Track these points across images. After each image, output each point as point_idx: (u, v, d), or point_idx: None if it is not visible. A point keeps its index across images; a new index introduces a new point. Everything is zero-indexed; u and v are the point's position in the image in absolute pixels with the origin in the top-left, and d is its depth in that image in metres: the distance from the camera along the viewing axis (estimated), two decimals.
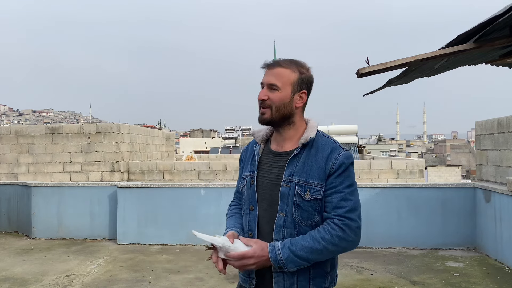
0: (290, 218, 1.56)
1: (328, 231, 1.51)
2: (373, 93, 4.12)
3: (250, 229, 1.65)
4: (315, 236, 1.52)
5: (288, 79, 1.59)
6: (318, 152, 1.59)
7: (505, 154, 5.76)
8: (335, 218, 1.53)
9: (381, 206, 6.24)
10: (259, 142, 1.72)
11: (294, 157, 1.59)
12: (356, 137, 16.90)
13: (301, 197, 1.55)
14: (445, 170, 29.28)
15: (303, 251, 1.50)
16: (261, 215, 1.64)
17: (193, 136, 46.48)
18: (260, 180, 1.65)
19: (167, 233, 6.67)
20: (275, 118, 1.60)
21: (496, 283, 4.59)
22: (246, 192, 1.68)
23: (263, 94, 1.59)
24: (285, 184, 1.58)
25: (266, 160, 1.68)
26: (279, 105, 1.58)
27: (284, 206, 1.57)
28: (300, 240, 1.52)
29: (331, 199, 1.54)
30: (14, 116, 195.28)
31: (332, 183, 1.55)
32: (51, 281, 4.92)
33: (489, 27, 2.68)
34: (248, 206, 1.67)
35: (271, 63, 1.62)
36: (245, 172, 1.72)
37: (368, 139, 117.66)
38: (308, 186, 1.55)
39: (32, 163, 10.02)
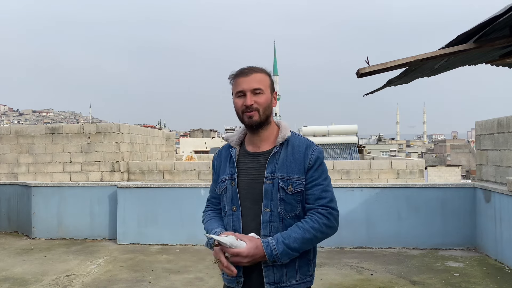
0: (276, 212, 1.66)
1: (316, 220, 1.64)
2: (373, 93, 4.12)
3: (235, 229, 1.70)
4: (305, 227, 1.63)
5: (266, 83, 1.71)
6: (294, 149, 1.71)
7: (505, 154, 5.76)
8: (320, 208, 1.67)
9: (381, 206, 6.24)
10: (234, 145, 1.80)
11: (273, 155, 1.70)
12: (356, 137, 16.87)
13: (285, 191, 1.66)
14: (445, 170, 29.28)
15: (296, 243, 1.60)
16: (245, 213, 1.70)
17: (193, 136, 46.48)
18: (241, 180, 1.73)
19: (167, 233, 6.67)
20: (262, 119, 1.69)
21: (496, 283, 4.59)
22: (228, 194, 1.74)
23: (250, 99, 1.66)
24: (268, 181, 1.67)
25: (244, 161, 1.76)
26: (265, 106, 1.69)
27: (268, 202, 1.66)
28: (291, 233, 1.62)
29: (313, 192, 1.68)
30: (14, 116, 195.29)
31: (312, 176, 1.69)
32: (51, 281, 4.92)
33: (489, 27, 2.68)
34: (230, 207, 1.73)
35: (244, 71, 1.71)
36: (223, 175, 1.78)
37: (368, 139, 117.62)
38: (290, 180, 1.66)
39: (32, 163, 10.02)
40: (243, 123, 1.74)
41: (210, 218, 1.83)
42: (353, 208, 6.20)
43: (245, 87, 1.68)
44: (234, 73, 1.75)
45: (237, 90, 1.70)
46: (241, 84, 1.69)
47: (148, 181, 9.82)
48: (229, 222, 1.73)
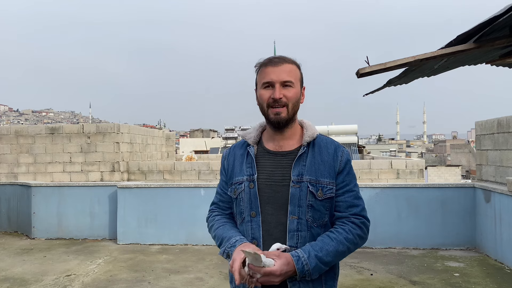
0: (304, 220, 1.48)
1: (350, 231, 1.50)
2: (373, 93, 4.12)
3: (254, 237, 1.52)
4: (338, 238, 1.47)
5: (297, 75, 1.54)
6: (321, 150, 1.55)
7: (505, 154, 5.76)
8: (353, 217, 1.52)
9: (381, 206, 6.24)
10: (252, 143, 1.61)
11: (300, 156, 1.52)
12: (356, 137, 16.89)
13: (314, 197, 1.49)
14: (445, 170, 29.27)
15: (329, 256, 1.44)
16: (266, 220, 1.52)
17: (193, 136, 46.50)
18: (261, 183, 1.53)
19: (167, 233, 6.67)
20: (290, 116, 1.52)
21: (496, 283, 4.59)
22: (245, 198, 1.54)
23: (279, 92, 1.48)
24: (295, 185, 1.49)
25: (264, 161, 1.57)
26: (294, 102, 1.52)
27: (295, 209, 1.48)
28: (324, 245, 1.45)
29: (345, 198, 1.53)
30: (14, 116, 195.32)
31: (343, 181, 1.54)
32: (51, 281, 4.92)
33: (489, 27, 2.68)
34: (249, 212, 1.53)
35: (274, 60, 1.52)
36: (238, 176, 1.58)
37: (368, 139, 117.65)
38: (320, 184, 1.50)
39: (32, 163, 10.02)
40: (267, 119, 1.55)
41: (222, 224, 1.62)
42: None
43: (274, 78, 1.49)
44: (262, 62, 1.55)
45: (264, 81, 1.51)
46: (270, 74, 1.50)
47: (148, 181, 9.82)
48: (248, 229, 1.53)
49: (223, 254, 1.50)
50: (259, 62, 1.56)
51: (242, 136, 1.65)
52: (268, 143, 1.60)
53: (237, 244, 1.46)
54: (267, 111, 1.52)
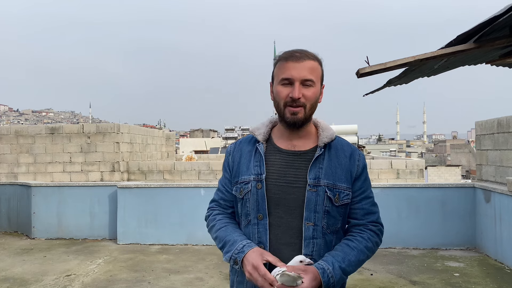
0: (320, 226, 1.41)
1: (369, 239, 1.46)
2: (373, 93, 4.12)
3: (261, 241, 1.42)
4: (359, 247, 1.43)
5: (318, 73, 1.43)
6: (338, 152, 1.47)
7: (505, 154, 5.76)
8: (371, 224, 1.49)
9: (381, 206, 6.10)
10: (262, 140, 1.50)
11: (317, 158, 1.43)
12: (356, 137, 16.88)
13: (331, 202, 1.41)
14: (445, 170, 29.26)
15: (351, 267, 1.39)
16: (275, 224, 1.42)
17: (193, 136, 46.51)
18: (271, 183, 1.43)
19: (167, 233, 6.67)
20: (307, 117, 1.43)
21: (496, 283, 4.59)
22: (252, 199, 1.44)
23: (299, 91, 1.38)
24: (312, 189, 1.40)
25: (274, 160, 1.47)
26: (313, 102, 1.42)
27: (311, 215, 1.39)
28: (345, 255, 1.39)
29: (362, 205, 1.49)
30: (14, 116, 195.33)
31: (361, 187, 1.48)
32: (51, 281, 4.92)
33: (489, 27, 2.68)
34: (255, 215, 1.44)
35: (296, 54, 1.41)
36: (245, 175, 1.47)
37: (368, 139, 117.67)
38: (337, 189, 1.42)
39: (32, 163, 10.02)
40: (282, 118, 1.44)
41: (224, 225, 1.51)
42: None
43: (294, 75, 1.38)
44: (282, 54, 1.44)
45: (283, 76, 1.40)
46: (290, 70, 1.39)
47: (148, 181, 9.82)
48: (254, 232, 1.44)
49: (230, 260, 1.40)
50: (279, 55, 1.46)
51: (251, 131, 1.54)
52: (279, 141, 1.50)
53: (245, 249, 1.36)
54: (283, 110, 1.42)
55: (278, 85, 1.42)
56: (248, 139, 1.56)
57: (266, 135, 1.52)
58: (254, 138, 1.54)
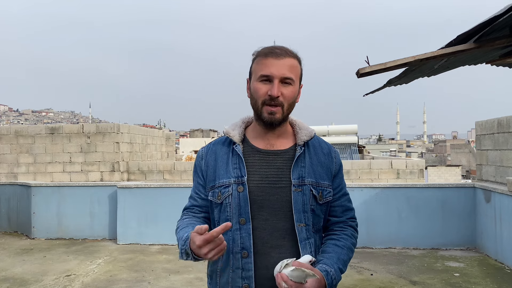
0: (310, 226, 1.38)
1: (352, 235, 1.46)
2: (373, 93, 4.12)
3: (244, 247, 1.34)
4: (347, 245, 1.41)
5: (298, 72, 1.38)
6: (316, 150, 1.45)
7: (505, 154, 5.76)
8: (350, 221, 1.49)
9: (381, 206, 6.24)
10: (238, 141, 1.43)
11: (298, 157, 1.40)
12: (356, 137, 16.89)
13: (316, 201, 1.39)
14: (445, 170, 29.26)
15: (345, 266, 1.37)
16: (260, 227, 1.36)
17: (193, 136, 46.51)
18: (253, 185, 1.37)
19: (167, 233, 6.66)
20: (285, 117, 1.38)
21: (496, 283, 4.59)
22: (233, 203, 1.36)
23: (278, 90, 1.32)
24: (297, 189, 1.36)
25: (253, 161, 1.41)
26: (291, 102, 1.37)
27: (301, 215, 1.36)
28: (339, 255, 1.37)
29: (341, 202, 1.48)
30: (14, 116, 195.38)
31: (339, 185, 1.47)
32: (51, 281, 4.92)
33: (489, 27, 2.68)
34: (237, 219, 1.36)
35: (276, 51, 1.35)
36: (223, 179, 1.39)
37: (368, 139, 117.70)
38: (320, 187, 1.40)
39: (32, 163, 10.02)
40: (259, 117, 1.39)
41: (186, 225, 1.42)
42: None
43: (274, 72, 1.32)
44: (261, 50, 1.38)
45: (263, 73, 1.34)
46: (270, 67, 1.33)
47: (148, 181, 9.82)
48: (236, 238, 1.35)
49: (182, 255, 1.31)
50: (258, 50, 1.40)
51: (226, 132, 1.45)
52: (256, 141, 1.44)
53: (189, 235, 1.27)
54: (260, 108, 1.36)
55: (256, 82, 1.36)
56: (221, 141, 1.49)
57: (242, 135, 1.45)
58: (228, 139, 1.46)
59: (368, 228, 6.23)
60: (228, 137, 1.45)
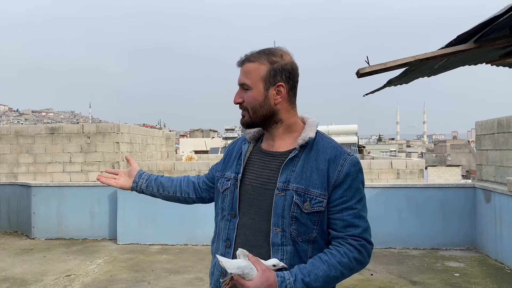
0: (288, 233, 1.33)
1: (345, 253, 1.31)
2: (373, 93, 4.12)
3: (228, 238, 1.42)
4: (330, 261, 1.29)
5: (257, 74, 1.37)
6: (318, 155, 1.36)
7: (505, 154, 5.76)
8: (350, 238, 1.33)
9: (381, 206, 6.24)
10: (249, 140, 1.50)
11: (290, 160, 1.36)
12: (356, 137, 16.89)
13: (299, 209, 1.32)
14: (445, 170, 29.26)
15: (318, 282, 1.26)
16: (245, 224, 1.40)
17: (193, 136, 46.50)
18: (247, 182, 1.43)
19: (167, 233, 6.67)
20: (254, 120, 1.42)
21: (496, 283, 4.59)
22: (229, 196, 1.45)
23: (238, 96, 1.42)
24: (280, 193, 1.34)
25: (254, 160, 1.46)
26: (254, 106, 1.39)
27: (279, 220, 1.33)
28: (313, 269, 1.28)
29: (342, 217, 1.33)
30: (14, 116, 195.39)
31: (342, 197, 1.33)
32: (51, 281, 4.92)
33: (489, 27, 2.68)
34: (229, 211, 1.44)
35: (242, 59, 1.42)
36: (228, 172, 1.50)
37: (368, 139, 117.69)
38: (308, 195, 1.32)
39: (32, 163, 10.02)
40: None
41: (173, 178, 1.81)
42: None
43: (238, 80, 1.42)
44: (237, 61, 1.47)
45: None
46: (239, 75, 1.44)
47: None
48: (225, 228, 1.45)
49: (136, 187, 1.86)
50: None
51: (243, 131, 1.56)
52: (264, 142, 1.49)
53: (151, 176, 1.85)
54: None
55: None
56: (243, 139, 1.58)
57: (256, 135, 1.51)
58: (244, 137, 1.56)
59: None
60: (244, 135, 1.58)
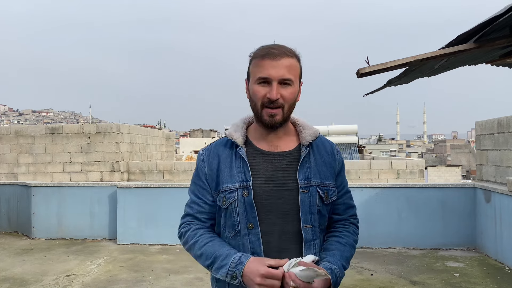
0: (317, 227, 1.38)
1: (354, 232, 1.49)
2: (373, 93, 4.12)
3: (255, 251, 1.32)
4: (349, 242, 1.44)
5: (297, 71, 1.35)
6: (320, 150, 1.44)
7: (505, 154, 5.76)
8: (351, 218, 1.51)
9: (381, 206, 6.24)
10: (241, 143, 1.40)
11: (304, 158, 1.38)
12: (356, 137, 16.89)
13: (322, 201, 1.38)
14: (445, 170, 29.27)
15: (347, 263, 1.40)
16: (268, 231, 1.34)
17: (193, 136, 46.50)
18: (260, 189, 1.34)
19: (167, 233, 6.66)
20: (285, 118, 1.36)
21: (496, 283, 4.59)
22: (240, 208, 1.34)
23: (277, 92, 1.30)
24: (304, 190, 1.35)
25: (259, 164, 1.38)
26: (292, 103, 1.35)
27: (308, 217, 1.35)
28: (342, 253, 1.39)
29: (344, 200, 1.49)
30: (14, 116, 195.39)
31: (342, 182, 1.49)
32: (51, 281, 4.92)
33: (489, 27, 2.68)
34: (245, 225, 1.33)
35: (273, 51, 1.32)
36: (227, 183, 1.36)
37: (368, 139, 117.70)
38: (326, 188, 1.40)
39: (32, 163, 10.02)
40: (259, 119, 1.36)
41: (210, 239, 1.38)
42: None
43: (272, 74, 1.29)
44: (258, 51, 1.35)
45: (260, 75, 1.31)
46: (268, 69, 1.30)
47: (148, 181, 9.82)
48: (246, 243, 1.33)
49: (227, 276, 1.27)
50: (255, 51, 1.37)
51: (229, 135, 1.42)
52: (260, 143, 1.41)
53: (243, 260, 1.26)
54: (260, 111, 1.34)
55: (255, 84, 1.33)
56: (223, 143, 1.45)
57: (244, 137, 1.42)
58: (230, 141, 1.42)
59: (368, 228, 6.23)
60: (230, 139, 1.42)
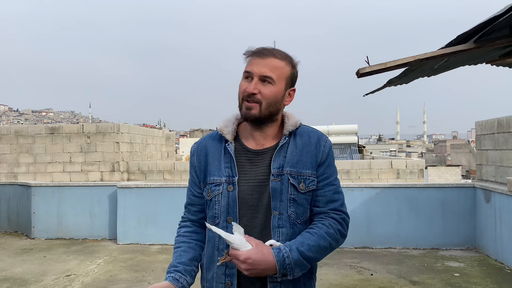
0: (286, 215, 1.37)
1: (330, 225, 1.39)
2: (373, 93, 4.12)
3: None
4: (319, 233, 1.36)
5: (283, 73, 1.39)
6: (303, 139, 1.43)
7: (505, 154, 5.76)
8: (332, 212, 1.41)
9: (381, 206, 6.24)
10: (231, 139, 1.44)
11: (281, 147, 1.40)
12: (356, 137, 16.89)
13: (296, 190, 1.37)
14: (445, 170, 29.25)
15: (311, 252, 1.32)
16: (249, 225, 1.37)
17: (193, 136, 46.49)
18: (244, 185, 1.39)
19: (167, 233, 6.66)
20: (263, 115, 1.38)
21: (496, 283, 4.59)
22: (223, 202, 1.39)
23: (254, 86, 1.35)
24: (276, 179, 1.37)
25: (244, 160, 1.42)
26: (271, 101, 1.37)
27: (277, 204, 1.36)
28: (304, 240, 1.33)
29: (324, 192, 1.42)
30: (14, 116, 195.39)
31: (323, 174, 1.43)
32: (51, 281, 4.92)
33: (489, 27, 2.68)
34: (225, 218, 1.39)
35: (263, 51, 1.38)
36: (215, 176, 1.42)
37: (368, 139, 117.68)
38: (302, 176, 1.39)
39: (32, 163, 10.02)
40: (240, 112, 1.42)
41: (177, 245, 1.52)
42: (353, 208, 6.20)
43: (254, 70, 1.36)
44: (251, 49, 1.42)
45: (245, 69, 1.39)
46: (252, 65, 1.37)
47: (148, 181, 9.82)
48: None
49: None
50: (248, 50, 1.42)
51: (220, 130, 1.46)
52: (247, 141, 1.45)
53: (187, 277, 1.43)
54: (241, 104, 1.40)
55: (242, 79, 1.41)
56: (213, 136, 1.50)
57: (234, 133, 1.46)
58: (219, 135, 1.48)
59: (368, 228, 6.24)
60: (220, 134, 1.47)
